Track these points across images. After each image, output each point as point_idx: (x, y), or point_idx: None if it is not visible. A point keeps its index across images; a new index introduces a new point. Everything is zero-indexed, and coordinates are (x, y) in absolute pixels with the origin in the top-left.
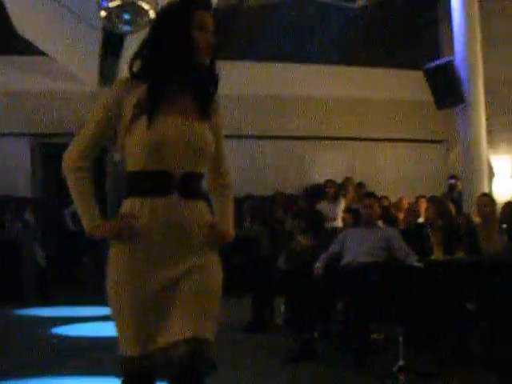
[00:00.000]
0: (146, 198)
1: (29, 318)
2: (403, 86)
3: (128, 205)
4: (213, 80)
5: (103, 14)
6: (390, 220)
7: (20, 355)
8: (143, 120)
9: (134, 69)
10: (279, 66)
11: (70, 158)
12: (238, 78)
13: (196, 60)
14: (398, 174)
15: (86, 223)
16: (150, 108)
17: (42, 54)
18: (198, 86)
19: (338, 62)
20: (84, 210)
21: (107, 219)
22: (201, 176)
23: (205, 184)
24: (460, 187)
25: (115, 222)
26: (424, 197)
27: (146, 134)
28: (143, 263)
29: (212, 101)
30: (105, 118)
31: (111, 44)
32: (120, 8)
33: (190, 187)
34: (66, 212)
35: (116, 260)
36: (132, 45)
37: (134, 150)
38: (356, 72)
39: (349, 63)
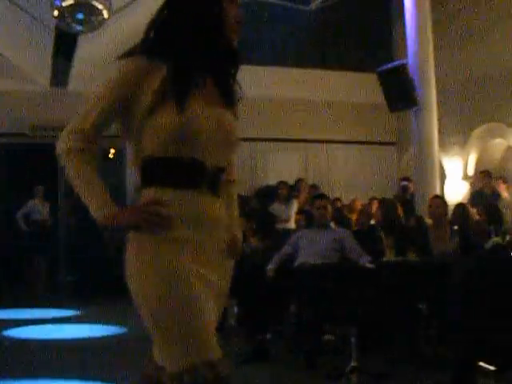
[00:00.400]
0: (176, 188)
1: None
2: (356, 88)
3: (152, 194)
4: (235, 60)
5: (56, 13)
6: (343, 221)
7: None
8: (171, 104)
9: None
10: None
11: (75, 137)
12: None
13: (226, 38)
14: (351, 175)
15: (97, 212)
16: (178, 92)
17: None
18: (221, 68)
19: (291, 64)
20: (94, 198)
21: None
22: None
23: None
24: (412, 189)
25: (139, 207)
26: (376, 199)
27: (177, 119)
28: (191, 257)
29: (234, 85)
30: (120, 96)
31: (64, 44)
32: (73, 7)
33: (217, 182)
34: (19, 214)
35: (157, 255)
36: (85, 45)
37: (160, 133)
38: (309, 74)
39: (302, 65)
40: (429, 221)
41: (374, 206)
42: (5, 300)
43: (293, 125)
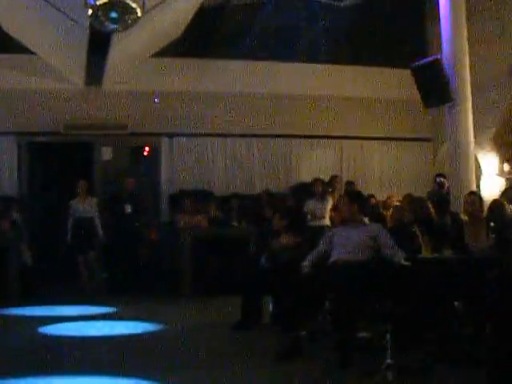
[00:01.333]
0: None
1: (15, 318)
2: (391, 84)
3: None
4: None
5: (90, 11)
6: (378, 218)
7: (7, 355)
8: None
9: None
10: (266, 64)
11: None
12: (224, 77)
13: None
14: (386, 172)
15: None
16: None
17: (28, 52)
18: None
19: (326, 61)
20: None
21: None
22: None
23: None
24: (447, 185)
25: None
26: (412, 195)
27: None
28: None
29: None
30: None
31: (98, 42)
32: (107, 6)
33: None
34: (68, 223)
35: None
36: (119, 43)
37: None
38: (343, 70)
39: (336, 61)
40: (464, 217)
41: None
42: (42, 297)
43: (328, 122)
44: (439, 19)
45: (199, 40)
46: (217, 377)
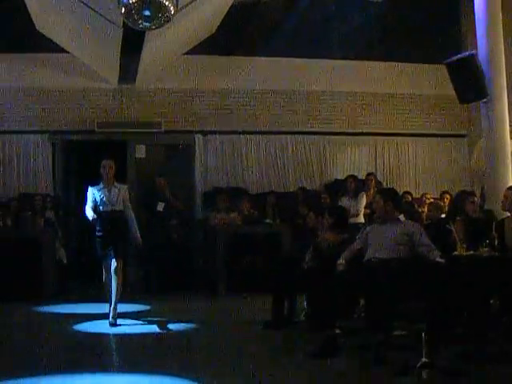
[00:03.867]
0: None
1: (50, 315)
2: (425, 80)
3: None
4: None
5: (123, 10)
6: (413, 215)
7: (42, 352)
8: None
9: None
10: (300, 61)
11: None
12: (258, 75)
13: None
14: (421, 168)
15: None
16: None
17: (62, 51)
18: None
19: (359, 57)
20: None
21: None
22: None
23: None
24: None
25: None
26: (447, 192)
27: None
28: None
29: None
30: None
31: (131, 41)
32: (140, 4)
33: None
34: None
35: None
36: (152, 41)
37: None
38: (377, 67)
39: (370, 58)
40: (505, 213)
41: (446, 200)
42: (77, 295)
43: (362, 119)
44: (474, 14)
45: (232, 37)
46: (251, 375)
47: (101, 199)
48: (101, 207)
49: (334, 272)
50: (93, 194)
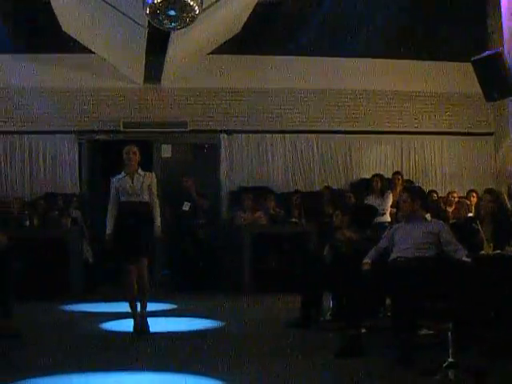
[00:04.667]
0: None
1: (77, 314)
2: (451, 78)
3: None
4: None
5: (148, 10)
6: (439, 214)
7: (70, 351)
8: None
9: None
10: (324, 60)
11: None
12: (283, 73)
13: None
14: (447, 167)
15: None
16: None
17: (88, 51)
18: None
19: (385, 55)
20: None
21: None
22: None
23: None
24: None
25: None
26: (474, 191)
27: None
28: None
29: None
30: None
31: (156, 40)
32: (165, 4)
33: None
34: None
35: None
36: (177, 41)
37: None
38: (403, 65)
39: (396, 56)
40: None
41: (472, 199)
42: (104, 293)
43: (388, 117)
44: (501, 11)
45: (257, 36)
46: (276, 374)
47: (123, 189)
48: (122, 198)
49: (359, 270)
50: (114, 184)
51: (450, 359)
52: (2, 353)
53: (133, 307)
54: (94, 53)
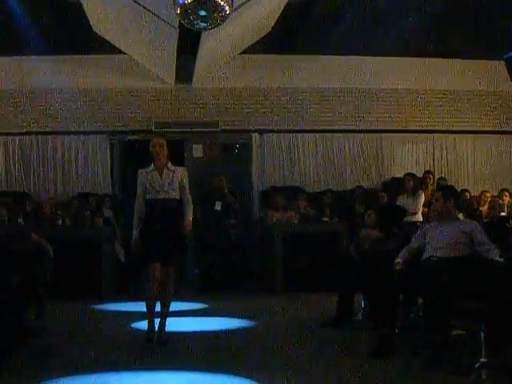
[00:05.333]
0: None
1: (109, 313)
2: (484, 76)
3: None
4: None
5: (179, 10)
6: (472, 213)
7: (101, 349)
8: None
9: None
10: (355, 59)
11: None
12: (314, 73)
13: None
14: (480, 166)
15: None
16: None
17: (119, 52)
18: None
19: (417, 54)
20: None
21: None
22: None
23: None
24: None
25: None
26: (507, 190)
27: None
28: None
29: None
30: None
31: (187, 40)
32: (196, 4)
33: None
34: None
35: None
36: (208, 41)
37: None
38: (434, 63)
39: (427, 54)
40: None
41: (505, 198)
42: (135, 293)
43: (419, 116)
44: None
45: (288, 35)
46: (308, 374)
47: (150, 184)
48: (149, 195)
49: (384, 269)
50: (141, 178)
51: (483, 359)
52: (34, 352)
53: (150, 311)
54: (125, 53)
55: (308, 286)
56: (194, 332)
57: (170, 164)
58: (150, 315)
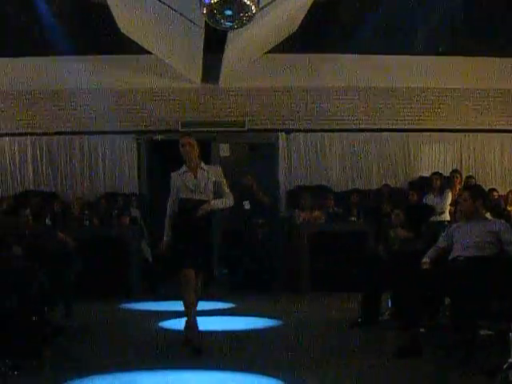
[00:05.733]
0: None
1: (136, 312)
2: (511, 75)
3: None
4: None
5: (205, 10)
6: (500, 213)
7: (129, 349)
8: None
9: None
10: (381, 57)
11: None
12: (340, 72)
13: None
14: (508, 165)
15: None
16: None
17: (146, 52)
18: None
19: (443, 53)
20: None
21: None
22: None
23: None
24: None
25: None
26: None
27: None
28: None
29: None
30: None
31: (214, 40)
32: (222, 4)
33: None
34: None
35: None
36: (234, 40)
37: None
38: (463, 61)
39: (455, 53)
40: None
41: None
42: (161, 293)
43: (446, 115)
44: None
45: (314, 34)
46: (335, 374)
47: (184, 185)
48: (182, 195)
49: (412, 269)
50: (173, 181)
51: (511, 360)
52: (62, 351)
53: (189, 314)
54: (151, 53)
55: (334, 286)
56: (222, 332)
57: (202, 164)
58: (188, 320)
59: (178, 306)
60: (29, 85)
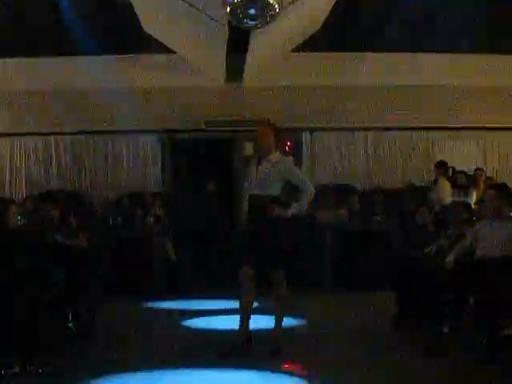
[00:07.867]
0: None
1: (159, 311)
2: None
3: None
4: None
5: (228, 9)
6: None
7: (152, 347)
8: None
9: None
10: (405, 56)
11: None
12: (364, 70)
13: None
14: None
15: None
16: None
17: (169, 51)
18: None
19: (466, 50)
20: None
21: None
22: None
23: None
24: None
25: None
26: None
27: None
28: None
29: None
30: None
31: (237, 39)
32: (245, 3)
33: None
34: None
35: None
36: (258, 39)
37: None
38: (486, 60)
39: (477, 51)
40: None
41: None
42: (185, 291)
43: (469, 112)
44: None
45: (339, 33)
46: (360, 374)
47: (248, 178)
48: (249, 190)
49: (442, 269)
50: (247, 170)
51: None
52: (86, 350)
53: (243, 318)
54: (175, 52)
55: (358, 285)
56: None
57: (273, 155)
58: (242, 322)
59: (202, 304)
60: (54, 84)
